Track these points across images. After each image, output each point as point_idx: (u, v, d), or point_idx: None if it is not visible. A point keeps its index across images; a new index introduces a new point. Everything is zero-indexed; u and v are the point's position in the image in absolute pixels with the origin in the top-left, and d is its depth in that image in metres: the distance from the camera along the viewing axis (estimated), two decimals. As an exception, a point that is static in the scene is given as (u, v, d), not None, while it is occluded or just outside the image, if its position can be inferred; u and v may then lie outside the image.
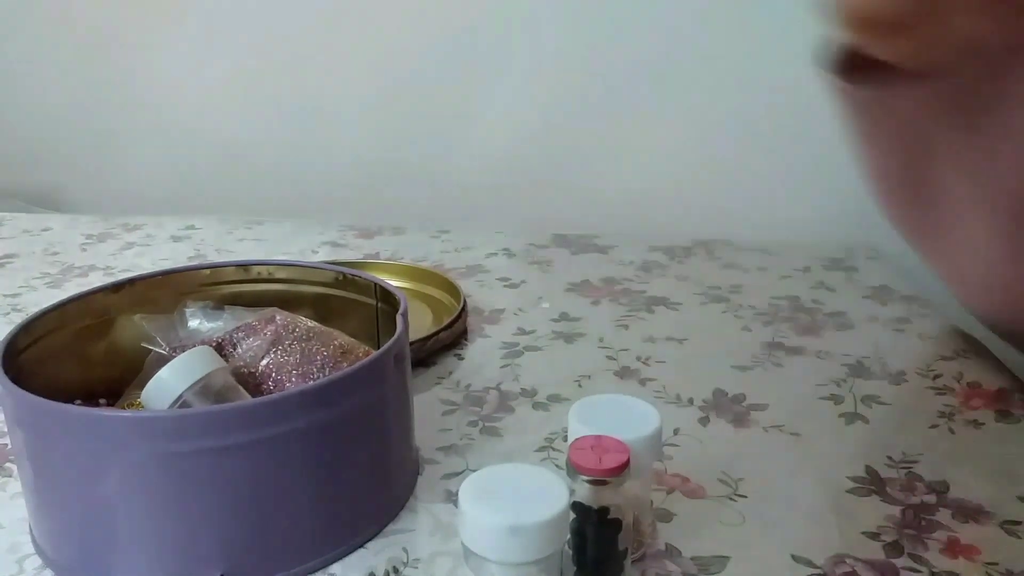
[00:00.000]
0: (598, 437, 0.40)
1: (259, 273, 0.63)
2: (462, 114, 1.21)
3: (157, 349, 0.54)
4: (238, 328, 0.55)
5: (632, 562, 0.45)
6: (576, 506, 0.39)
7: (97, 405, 0.54)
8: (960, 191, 0.45)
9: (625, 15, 1.09)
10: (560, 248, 1.04)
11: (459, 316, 0.75)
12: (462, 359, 0.72)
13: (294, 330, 0.55)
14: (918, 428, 0.59)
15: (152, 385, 0.48)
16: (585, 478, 0.39)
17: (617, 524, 0.40)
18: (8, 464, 0.57)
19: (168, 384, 0.48)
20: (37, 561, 0.47)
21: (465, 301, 0.79)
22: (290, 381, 0.53)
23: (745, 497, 0.51)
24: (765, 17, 1.04)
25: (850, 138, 0.57)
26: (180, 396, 0.48)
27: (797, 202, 1.07)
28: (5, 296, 0.90)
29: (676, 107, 1.11)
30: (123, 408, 0.53)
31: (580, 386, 0.67)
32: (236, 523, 0.43)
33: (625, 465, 0.39)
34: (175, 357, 0.49)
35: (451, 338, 0.73)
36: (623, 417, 0.43)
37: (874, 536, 0.48)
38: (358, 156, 1.26)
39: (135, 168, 1.39)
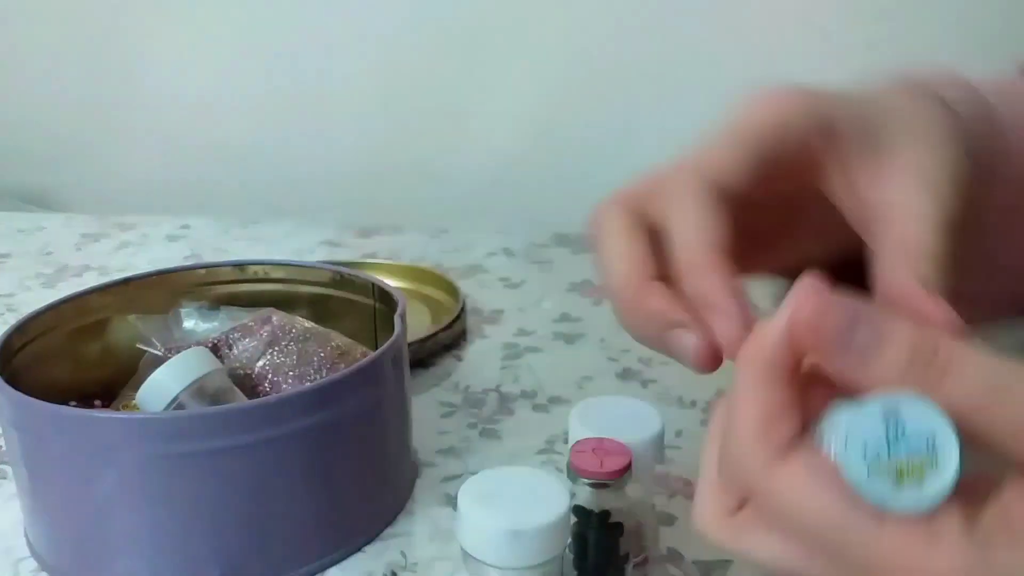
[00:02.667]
0: (599, 440, 0.39)
1: (255, 273, 0.62)
2: (461, 112, 1.20)
3: (152, 350, 0.53)
4: (234, 329, 0.54)
5: (634, 567, 0.44)
6: (577, 510, 0.39)
7: (92, 406, 0.54)
8: None
9: (626, 14, 1.09)
10: (561, 247, 1.03)
11: (458, 316, 0.75)
12: (461, 360, 0.72)
13: (291, 331, 0.54)
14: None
15: (147, 386, 0.48)
16: (586, 481, 0.38)
17: (619, 528, 0.39)
18: (2, 466, 0.57)
19: (163, 385, 0.47)
20: (33, 564, 0.47)
21: (464, 301, 0.78)
22: (287, 383, 0.52)
23: (747, 500, 0.51)
24: (765, 17, 1.03)
25: None
26: (175, 398, 0.47)
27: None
28: None
29: (676, 106, 1.10)
30: (118, 410, 0.53)
31: (581, 388, 0.66)
32: (232, 527, 0.43)
33: (627, 468, 0.38)
34: (170, 358, 0.49)
35: (450, 339, 0.73)
36: (625, 419, 0.42)
37: (878, 539, 0.47)
38: (356, 154, 1.25)
39: (130, 167, 1.39)
